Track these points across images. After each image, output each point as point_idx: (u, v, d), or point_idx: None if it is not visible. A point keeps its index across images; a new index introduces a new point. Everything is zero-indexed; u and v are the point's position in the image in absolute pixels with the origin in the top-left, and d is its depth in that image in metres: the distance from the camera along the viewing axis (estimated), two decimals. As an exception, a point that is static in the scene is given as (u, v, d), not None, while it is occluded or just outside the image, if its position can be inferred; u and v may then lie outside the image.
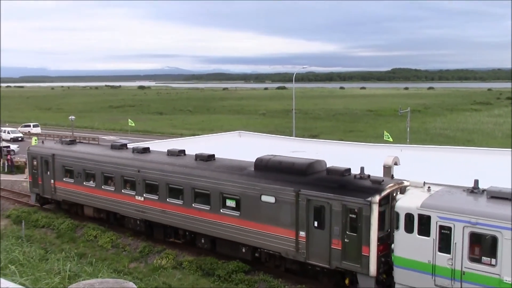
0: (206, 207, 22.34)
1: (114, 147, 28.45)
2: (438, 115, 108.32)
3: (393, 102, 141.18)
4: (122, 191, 25.80)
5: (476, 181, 17.25)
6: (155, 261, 23.18)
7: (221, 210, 21.85)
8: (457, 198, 16.79)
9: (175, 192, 23.65)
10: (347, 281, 18.88)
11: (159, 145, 30.95)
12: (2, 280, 2.98)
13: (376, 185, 18.29)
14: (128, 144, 29.65)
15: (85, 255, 23.90)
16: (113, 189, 26.27)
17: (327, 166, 20.68)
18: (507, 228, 14.95)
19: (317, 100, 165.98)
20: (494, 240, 15.30)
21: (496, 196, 16.26)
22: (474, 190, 17.07)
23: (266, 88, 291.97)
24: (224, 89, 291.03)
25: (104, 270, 21.11)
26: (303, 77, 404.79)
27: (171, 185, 23.68)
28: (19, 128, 76.55)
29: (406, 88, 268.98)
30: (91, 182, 27.45)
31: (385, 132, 48.10)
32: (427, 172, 22.62)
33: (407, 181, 18.76)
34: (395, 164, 21.03)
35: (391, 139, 44.93)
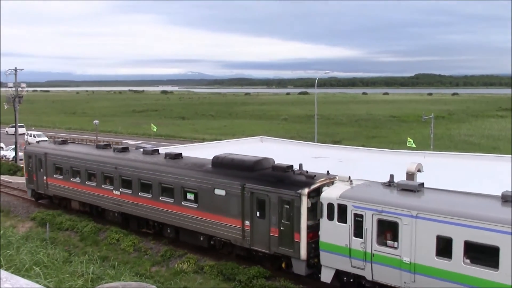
0: (171, 200, 24.85)
1: (98, 147, 31.49)
2: (463, 122, 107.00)
3: (416, 108, 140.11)
4: (102, 186, 28.55)
5: (391, 176, 19.34)
6: (176, 265, 23.44)
7: (182, 203, 24.32)
8: (371, 190, 18.89)
9: (146, 187, 26.20)
10: (283, 265, 21.15)
11: (177, 151, 29.65)
12: (26, 281, 3.16)
13: (308, 180, 20.52)
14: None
15: (107, 258, 24.22)
16: (95, 185, 29.08)
17: (275, 163, 22.95)
18: (405, 215, 17.03)
19: (339, 105, 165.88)
20: (395, 226, 17.38)
21: (404, 188, 18.34)
22: (390, 184, 19.16)
23: (288, 93, 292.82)
24: (246, 94, 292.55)
25: (126, 273, 21.57)
26: (325, 83, 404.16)
27: (142, 180, 26.29)
28: (7, 129, 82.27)
29: (430, 94, 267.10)
30: (77, 178, 30.30)
31: (408, 138, 46.92)
32: (450, 179, 22.28)
33: (337, 176, 20.92)
34: (419, 171, 21.28)
35: (414, 146, 43.91)
